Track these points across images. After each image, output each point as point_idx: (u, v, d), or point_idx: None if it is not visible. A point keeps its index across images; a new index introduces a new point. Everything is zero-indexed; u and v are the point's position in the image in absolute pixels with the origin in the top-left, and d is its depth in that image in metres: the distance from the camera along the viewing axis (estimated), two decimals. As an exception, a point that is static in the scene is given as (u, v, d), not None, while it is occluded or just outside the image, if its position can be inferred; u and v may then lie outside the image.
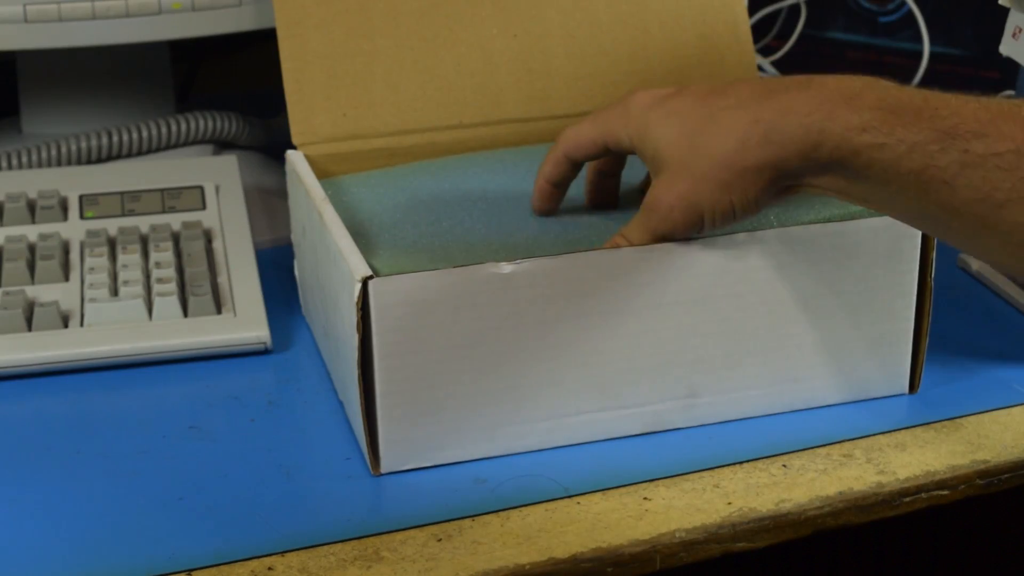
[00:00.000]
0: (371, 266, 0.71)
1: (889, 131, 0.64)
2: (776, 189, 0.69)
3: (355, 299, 0.69)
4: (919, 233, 0.77)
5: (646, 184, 0.81)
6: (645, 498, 0.71)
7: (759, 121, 0.68)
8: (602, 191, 0.81)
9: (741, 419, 0.77)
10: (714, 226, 0.71)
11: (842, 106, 0.66)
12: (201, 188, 0.95)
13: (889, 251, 0.77)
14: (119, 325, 0.84)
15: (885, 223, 0.76)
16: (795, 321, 0.77)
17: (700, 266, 0.74)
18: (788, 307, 0.76)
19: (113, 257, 0.89)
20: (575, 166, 0.78)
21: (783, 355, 0.77)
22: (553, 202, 0.80)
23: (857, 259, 0.76)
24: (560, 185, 0.79)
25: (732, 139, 0.68)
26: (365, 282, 0.69)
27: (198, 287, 0.86)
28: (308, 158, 0.86)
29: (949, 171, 0.63)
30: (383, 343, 0.70)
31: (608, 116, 0.75)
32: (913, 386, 0.80)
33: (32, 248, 0.89)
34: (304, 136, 0.87)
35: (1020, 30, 0.87)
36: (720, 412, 0.77)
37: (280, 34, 0.87)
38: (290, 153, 0.86)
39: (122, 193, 0.95)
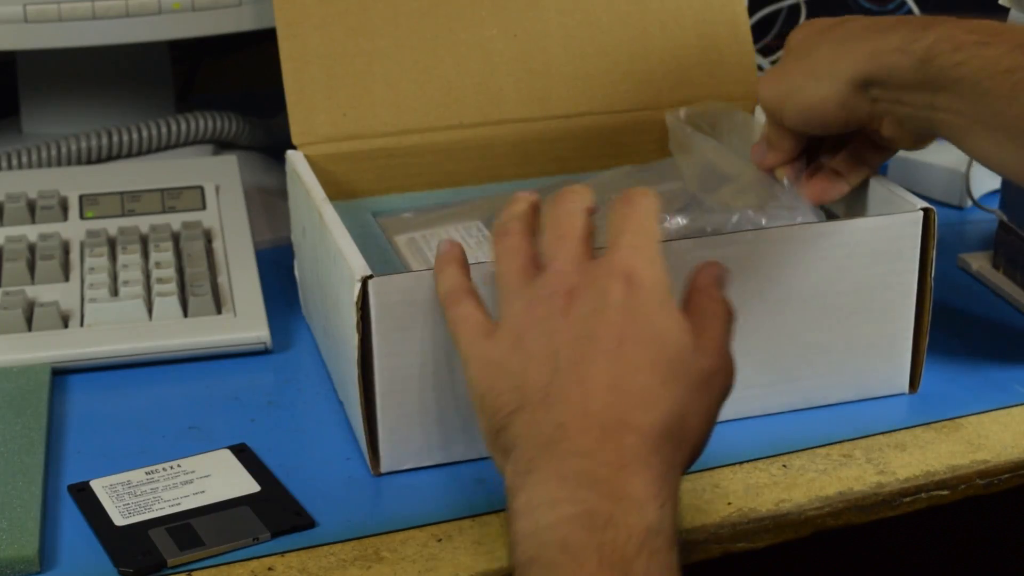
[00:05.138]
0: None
1: (992, 38, 0.69)
2: (867, 96, 0.73)
3: (355, 299, 0.69)
4: (919, 232, 0.77)
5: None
6: (645, 498, 0.71)
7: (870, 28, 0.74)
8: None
9: (741, 419, 0.77)
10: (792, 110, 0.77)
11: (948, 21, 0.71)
12: (201, 188, 0.95)
13: (889, 251, 0.77)
14: (119, 325, 0.84)
15: (885, 223, 0.76)
16: (794, 320, 0.77)
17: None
18: (787, 306, 0.76)
19: (113, 257, 0.89)
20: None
21: (782, 354, 0.77)
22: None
23: (857, 259, 0.76)
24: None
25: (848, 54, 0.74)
26: (365, 281, 0.69)
27: (198, 287, 0.86)
28: (308, 158, 0.86)
29: None
30: (383, 343, 0.70)
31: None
32: (913, 385, 0.80)
33: (32, 248, 0.89)
34: (304, 136, 0.87)
35: (1020, 30, 0.87)
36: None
37: (280, 34, 0.87)
38: (290, 153, 0.86)
39: (122, 193, 0.95)
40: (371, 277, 0.69)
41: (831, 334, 0.77)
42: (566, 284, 0.62)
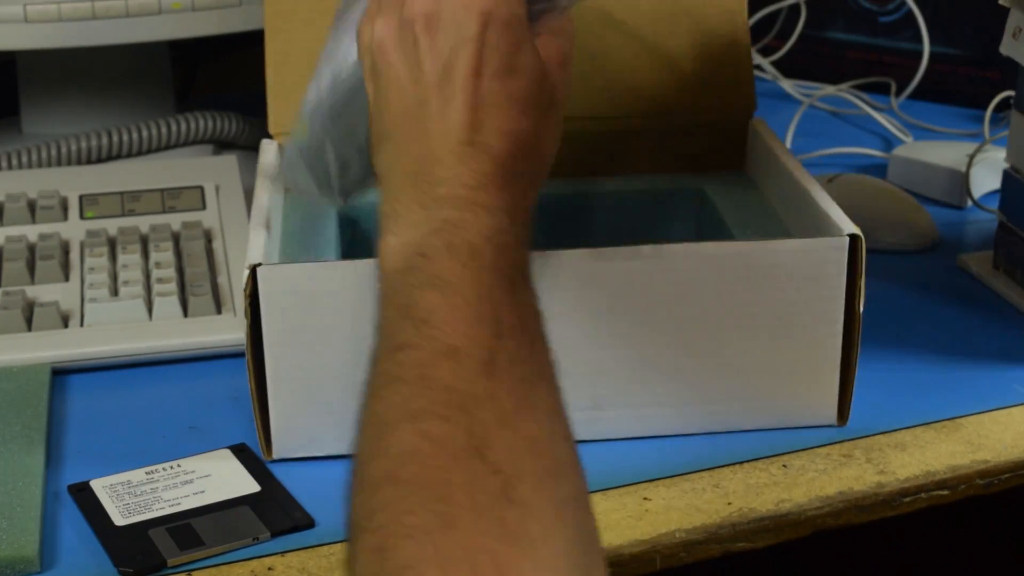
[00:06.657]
0: None
1: None
2: None
3: (243, 285, 0.69)
4: (844, 258, 0.73)
5: None
6: (645, 498, 0.71)
7: None
8: None
9: (650, 437, 0.75)
10: None
11: None
12: (201, 188, 0.95)
13: (812, 275, 0.73)
14: (119, 325, 0.84)
15: (806, 245, 0.73)
16: (705, 340, 0.73)
17: (601, 277, 0.72)
18: (697, 326, 0.73)
19: (113, 257, 0.89)
20: None
21: (692, 375, 0.74)
22: None
23: (774, 281, 0.73)
24: None
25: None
26: (254, 269, 0.70)
27: (198, 287, 0.86)
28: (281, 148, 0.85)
29: None
30: (271, 331, 0.71)
31: None
32: (842, 417, 0.77)
33: (32, 248, 0.89)
34: (281, 127, 0.86)
35: (1020, 30, 0.88)
36: (625, 428, 0.75)
37: (267, 27, 0.87)
38: (265, 142, 0.86)
39: (122, 193, 0.95)
40: (260, 265, 0.70)
41: (745, 358, 0.74)
42: (424, 8, 0.62)
